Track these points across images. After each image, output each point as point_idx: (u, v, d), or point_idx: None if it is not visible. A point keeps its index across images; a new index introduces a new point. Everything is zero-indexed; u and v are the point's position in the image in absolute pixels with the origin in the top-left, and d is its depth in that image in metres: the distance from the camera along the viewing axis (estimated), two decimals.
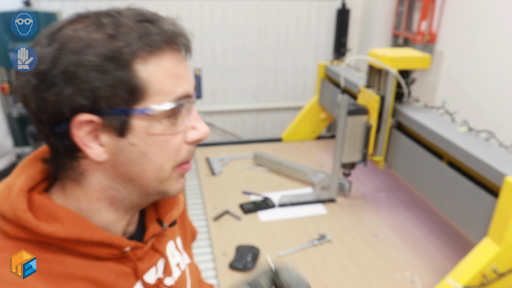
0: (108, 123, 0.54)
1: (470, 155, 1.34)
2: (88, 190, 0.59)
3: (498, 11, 2.30)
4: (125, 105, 0.54)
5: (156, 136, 0.57)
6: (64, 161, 0.58)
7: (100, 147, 0.55)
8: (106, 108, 0.53)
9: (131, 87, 0.53)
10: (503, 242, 1.21)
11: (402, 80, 1.68)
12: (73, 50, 0.52)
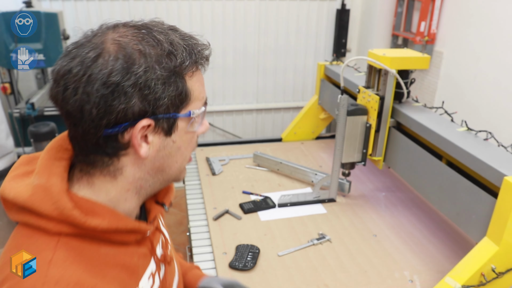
0: (160, 125, 0.64)
1: (469, 155, 1.34)
2: (120, 183, 0.66)
3: (496, 12, 2.31)
4: (176, 110, 0.66)
5: (190, 133, 0.72)
6: (103, 160, 0.64)
7: (147, 145, 0.64)
8: (162, 114, 0.63)
9: (183, 96, 0.66)
10: (502, 241, 1.22)
11: (401, 81, 1.68)
12: (142, 63, 0.60)
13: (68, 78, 0.59)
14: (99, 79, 0.58)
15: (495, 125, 2.29)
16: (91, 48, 0.59)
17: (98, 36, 0.61)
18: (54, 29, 2.64)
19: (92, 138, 0.61)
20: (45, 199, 0.61)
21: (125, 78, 0.58)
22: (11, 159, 2.17)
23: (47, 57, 2.66)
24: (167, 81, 0.62)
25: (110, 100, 0.58)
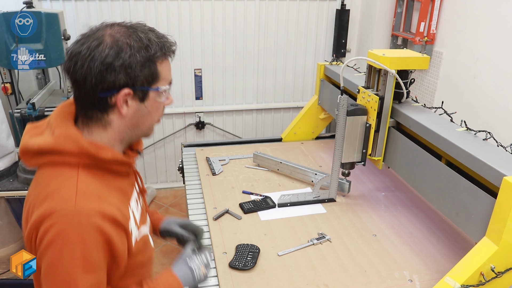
0: (137, 94, 0.92)
1: (469, 155, 1.35)
2: (110, 133, 0.95)
3: (495, 13, 2.32)
4: (148, 85, 0.93)
5: (158, 103, 0.97)
6: (97, 115, 0.92)
7: (127, 107, 0.92)
8: (139, 86, 0.91)
9: (154, 75, 0.93)
10: (501, 241, 1.22)
11: (401, 81, 1.69)
12: (128, 51, 0.88)
13: (78, 57, 0.87)
14: (98, 59, 0.86)
15: (494, 125, 2.29)
16: (94, 38, 0.88)
17: (100, 31, 0.89)
18: (54, 29, 2.65)
19: (90, 98, 0.90)
20: (67, 142, 0.89)
21: (116, 60, 0.87)
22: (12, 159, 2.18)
23: (47, 57, 2.67)
24: (143, 64, 0.90)
25: (104, 73, 0.87)
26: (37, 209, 0.84)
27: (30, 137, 0.92)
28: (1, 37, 2.58)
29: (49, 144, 0.89)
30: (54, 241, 0.81)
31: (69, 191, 0.85)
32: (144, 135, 1.02)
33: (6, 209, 2.14)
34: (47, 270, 0.83)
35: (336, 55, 3.63)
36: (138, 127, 0.97)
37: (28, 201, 0.91)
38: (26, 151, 0.91)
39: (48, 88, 3.01)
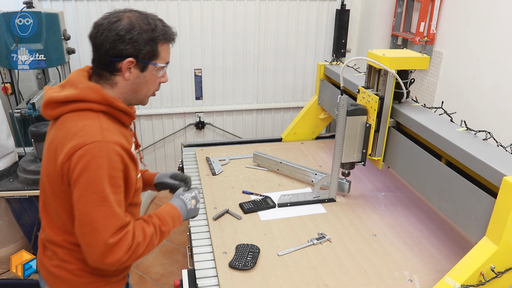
0: (138, 65, 1.15)
1: (469, 155, 1.35)
2: (116, 91, 1.18)
3: (495, 13, 2.32)
4: (148, 59, 1.16)
5: (155, 76, 1.20)
6: (107, 75, 1.16)
7: (129, 73, 1.15)
8: (141, 58, 1.14)
9: (154, 53, 1.16)
10: (501, 241, 1.22)
11: (401, 81, 1.69)
12: (137, 30, 1.11)
13: (100, 27, 1.12)
14: (114, 31, 1.10)
15: (494, 125, 2.29)
16: (115, 16, 1.13)
17: (121, 12, 1.14)
18: (54, 29, 2.65)
19: (103, 60, 1.14)
20: (91, 92, 1.12)
21: (127, 34, 1.11)
22: (12, 159, 2.17)
23: (47, 57, 2.67)
24: (147, 42, 1.14)
25: (116, 43, 1.11)
26: (68, 143, 1.05)
27: (53, 93, 1.14)
28: (1, 37, 2.58)
29: (75, 94, 1.11)
30: (88, 165, 1.03)
31: (95, 128, 1.08)
32: (140, 102, 1.24)
33: (6, 209, 2.14)
34: (84, 189, 1.04)
35: (336, 55, 3.63)
36: (136, 92, 1.20)
37: (54, 142, 1.11)
38: (51, 102, 1.12)
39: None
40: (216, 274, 1.48)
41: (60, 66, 2.83)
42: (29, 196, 2.06)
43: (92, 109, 1.11)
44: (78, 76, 1.17)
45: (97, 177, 1.03)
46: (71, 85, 1.14)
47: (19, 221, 2.15)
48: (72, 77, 1.17)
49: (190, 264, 1.77)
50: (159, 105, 3.52)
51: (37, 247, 2.21)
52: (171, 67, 3.40)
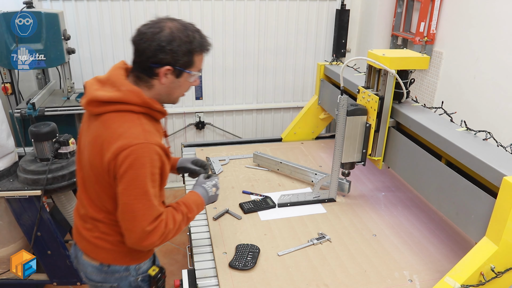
0: (175, 72, 1.25)
1: (469, 155, 1.35)
2: (151, 92, 1.28)
3: (495, 13, 2.32)
4: (184, 68, 1.26)
5: (187, 82, 1.31)
6: (145, 78, 1.27)
7: (166, 78, 1.26)
8: (177, 66, 1.24)
9: (190, 63, 1.27)
10: (501, 241, 1.23)
11: (401, 81, 1.69)
12: (177, 42, 1.22)
13: (144, 35, 1.22)
14: (156, 41, 1.20)
15: (494, 125, 2.29)
16: (158, 26, 1.22)
17: (163, 22, 1.23)
18: (54, 29, 2.65)
19: (143, 65, 1.25)
20: (133, 95, 1.23)
21: (167, 45, 1.21)
22: (12, 159, 2.17)
23: (47, 57, 2.67)
24: (185, 53, 1.24)
25: (157, 52, 1.21)
26: (114, 143, 1.18)
27: (96, 91, 1.24)
28: (1, 37, 2.58)
29: (118, 96, 1.22)
30: (133, 164, 1.18)
31: (138, 130, 1.21)
32: (172, 102, 1.36)
33: (6, 209, 2.14)
34: (128, 184, 1.19)
35: (336, 55, 3.63)
36: (170, 94, 1.32)
37: (100, 138, 1.23)
38: (95, 100, 1.24)
39: (48, 88, 3.01)
40: (216, 274, 1.48)
41: (60, 66, 2.84)
42: (29, 196, 2.05)
43: (133, 111, 1.24)
44: (118, 76, 1.27)
45: (140, 174, 1.19)
46: (113, 85, 1.25)
47: (19, 221, 2.15)
48: (112, 76, 1.27)
49: (190, 264, 1.77)
50: None
51: (37, 247, 2.22)
52: None
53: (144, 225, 1.21)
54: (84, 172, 1.33)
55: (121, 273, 1.40)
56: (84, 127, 1.34)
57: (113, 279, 1.41)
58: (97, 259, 1.39)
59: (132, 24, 3.22)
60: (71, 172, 2.10)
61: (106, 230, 1.35)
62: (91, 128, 1.28)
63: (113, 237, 1.35)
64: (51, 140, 2.10)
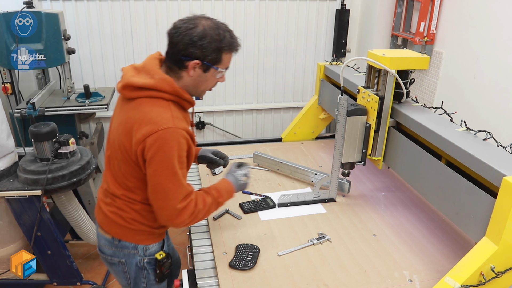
0: (202, 66, 1.33)
1: (469, 155, 1.35)
2: (180, 83, 1.37)
3: (495, 13, 2.32)
4: (212, 64, 1.34)
5: (214, 77, 1.39)
6: (176, 69, 1.35)
7: (194, 71, 1.34)
8: (206, 61, 1.32)
9: (218, 60, 1.35)
10: (501, 241, 1.23)
11: (401, 81, 1.69)
12: (208, 39, 1.29)
13: (178, 29, 1.30)
14: (189, 36, 1.29)
15: (494, 125, 2.29)
16: (192, 23, 1.30)
17: (197, 19, 1.31)
18: (54, 29, 2.65)
19: (175, 57, 1.33)
20: (165, 84, 1.32)
21: (198, 41, 1.29)
22: (12, 159, 2.17)
23: (47, 57, 2.67)
24: (214, 50, 1.32)
25: (189, 46, 1.29)
26: (144, 126, 1.27)
27: (131, 77, 1.34)
28: (1, 37, 2.58)
29: (151, 83, 1.31)
30: (162, 147, 1.26)
31: (167, 116, 1.29)
32: (198, 95, 1.45)
33: (6, 209, 2.14)
34: (158, 165, 1.28)
35: (336, 55, 3.63)
36: (197, 87, 1.40)
37: (131, 120, 1.31)
38: (129, 85, 1.33)
39: (48, 88, 3.01)
40: (216, 274, 1.48)
41: (60, 66, 2.84)
42: (29, 196, 2.05)
43: (164, 98, 1.32)
44: (153, 65, 1.37)
45: (168, 156, 1.27)
46: (147, 73, 1.34)
47: (19, 221, 2.15)
48: (147, 65, 1.37)
49: (190, 264, 1.77)
50: None
51: (37, 247, 2.22)
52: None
53: (175, 203, 1.30)
54: (112, 151, 1.42)
55: (129, 249, 1.49)
56: (117, 109, 1.44)
57: (122, 255, 1.51)
58: (110, 233, 1.49)
59: (132, 24, 3.22)
60: (71, 172, 2.10)
61: (122, 207, 1.44)
62: (123, 110, 1.38)
63: (127, 214, 1.44)
64: (51, 140, 2.10)
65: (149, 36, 3.29)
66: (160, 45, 3.32)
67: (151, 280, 1.55)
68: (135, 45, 3.29)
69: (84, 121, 3.15)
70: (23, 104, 2.76)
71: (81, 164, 2.16)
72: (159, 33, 3.29)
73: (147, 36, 3.28)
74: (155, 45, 3.32)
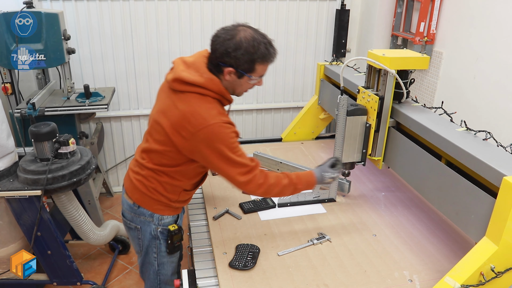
0: (236, 73, 1.46)
1: (469, 155, 1.35)
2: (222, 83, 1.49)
3: (495, 13, 2.32)
4: (245, 72, 1.45)
5: (248, 83, 1.51)
6: (215, 71, 1.47)
7: (229, 76, 1.46)
8: (239, 70, 1.44)
9: (251, 69, 1.46)
10: (501, 241, 1.23)
11: (401, 81, 1.69)
12: (242, 51, 1.41)
13: (218, 38, 1.44)
14: (225, 46, 1.41)
15: (494, 125, 2.29)
16: (230, 34, 1.42)
17: (236, 30, 1.43)
18: (54, 29, 2.65)
19: (214, 61, 1.46)
20: (212, 84, 1.45)
21: (233, 52, 1.41)
22: (12, 159, 2.17)
23: (47, 57, 2.67)
24: (247, 61, 1.43)
25: (224, 55, 1.42)
26: (195, 119, 1.41)
27: (182, 71, 1.46)
28: (1, 37, 2.58)
29: (201, 81, 1.44)
30: (213, 140, 1.42)
31: (215, 112, 1.44)
32: (236, 94, 1.57)
33: (6, 209, 2.14)
34: (213, 155, 1.44)
35: (336, 55, 3.63)
36: (233, 89, 1.53)
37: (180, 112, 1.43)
38: (179, 80, 1.45)
39: (48, 88, 3.01)
40: (216, 274, 1.48)
41: (60, 66, 2.84)
42: (29, 196, 2.05)
43: (210, 95, 1.46)
44: (201, 63, 1.49)
45: (220, 147, 1.43)
46: (196, 70, 1.46)
47: (19, 221, 2.15)
48: (197, 62, 1.49)
49: (190, 264, 1.77)
50: None
51: (37, 247, 2.22)
52: (171, 66, 3.39)
53: (238, 179, 1.47)
54: (152, 130, 1.55)
55: (146, 217, 1.63)
56: (163, 95, 1.56)
57: (138, 221, 1.65)
58: (132, 198, 1.63)
59: (132, 24, 3.22)
60: (71, 172, 2.10)
61: (148, 177, 1.57)
62: (170, 99, 1.49)
63: (151, 183, 1.57)
64: (51, 140, 2.09)
65: (149, 36, 3.28)
66: (160, 45, 3.32)
67: (162, 252, 1.68)
68: (135, 45, 3.29)
69: (84, 121, 3.15)
70: (23, 104, 2.76)
71: (81, 164, 2.16)
72: (159, 33, 3.29)
73: (147, 36, 3.28)
74: (155, 45, 3.32)
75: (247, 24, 1.47)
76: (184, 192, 1.64)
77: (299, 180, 1.59)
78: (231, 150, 1.45)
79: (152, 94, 3.45)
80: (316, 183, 1.65)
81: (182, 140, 1.44)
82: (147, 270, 1.74)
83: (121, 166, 3.71)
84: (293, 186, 1.58)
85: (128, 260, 2.88)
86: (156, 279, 1.75)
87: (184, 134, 1.43)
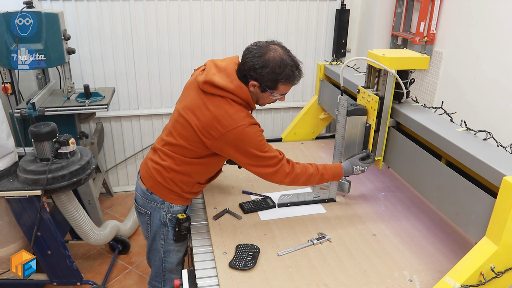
0: (260, 87, 1.58)
1: (469, 155, 1.35)
2: None
3: (495, 13, 2.32)
4: (268, 88, 1.57)
5: (270, 98, 1.63)
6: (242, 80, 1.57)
7: (253, 88, 1.58)
8: (263, 85, 1.56)
9: (274, 87, 1.58)
10: (501, 241, 1.23)
11: (401, 81, 1.69)
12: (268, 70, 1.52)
13: (249, 53, 1.54)
14: (253, 61, 1.52)
15: (494, 125, 2.29)
16: (259, 52, 1.53)
17: (267, 48, 1.53)
18: (54, 29, 2.65)
19: (242, 72, 1.56)
20: (241, 91, 1.55)
21: (259, 69, 1.52)
22: (12, 159, 2.17)
23: (47, 57, 2.67)
24: (271, 79, 1.54)
25: (251, 69, 1.53)
26: (225, 121, 1.52)
27: (213, 75, 1.55)
28: (1, 37, 2.58)
29: (231, 87, 1.54)
30: (242, 141, 1.54)
31: (243, 115, 1.55)
32: (259, 104, 1.68)
33: (6, 209, 2.14)
34: (242, 154, 1.56)
35: (336, 55, 3.63)
36: (257, 99, 1.64)
37: (212, 114, 1.53)
38: (210, 83, 1.54)
39: (48, 88, 3.01)
40: (216, 274, 1.48)
41: (60, 66, 2.84)
42: (29, 196, 2.05)
43: (237, 101, 1.56)
44: (232, 70, 1.58)
45: (249, 147, 1.55)
46: (227, 75, 1.56)
47: (19, 221, 2.15)
48: (228, 68, 1.58)
49: (190, 264, 1.77)
50: (159, 105, 3.52)
51: (37, 247, 2.22)
52: (171, 66, 3.40)
53: (267, 171, 1.60)
54: (179, 125, 1.63)
55: (157, 203, 1.71)
56: (191, 93, 1.63)
57: (149, 207, 1.74)
58: (146, 185, 1.72)
59: (132, 24, 3.22)
60: (71, 172, 2.10)
61: (166, 167, 1.66)
62: (200, 98, 1.58)
63: (167, 173, 1.66)
64: (51, 140, 2.09)
65: (149, 36, 3.28)
66: (160, 45, 3.32)
67: (169, 239, 1.75)
68: (135, 45, 3.29)
69: (84, 121, 3.15)
70: (23, 104, 2.76)
71: (81, 164, 2.16)
72: (159, 33, 3.29)
73: (147, 36, 3.28)
74: (155, 45, 3.32)
75: (281, 44, 1.57)
76: (197, 185, 1.73)
77: (325, 171, 1.70)
78: (259, 148, 1.56)
79: (152, 94, 3.45)
80: (344, 175, 1.76)
81: (211, 139, 1.54)
82: (153, 256, 1.83)
83: (121, 166, 3.71)
84: (319, 176, 1.68)
85: (128, 260, 2.88)
86: (161, 266, 1.82)
87: (214, 133, 1.53)
